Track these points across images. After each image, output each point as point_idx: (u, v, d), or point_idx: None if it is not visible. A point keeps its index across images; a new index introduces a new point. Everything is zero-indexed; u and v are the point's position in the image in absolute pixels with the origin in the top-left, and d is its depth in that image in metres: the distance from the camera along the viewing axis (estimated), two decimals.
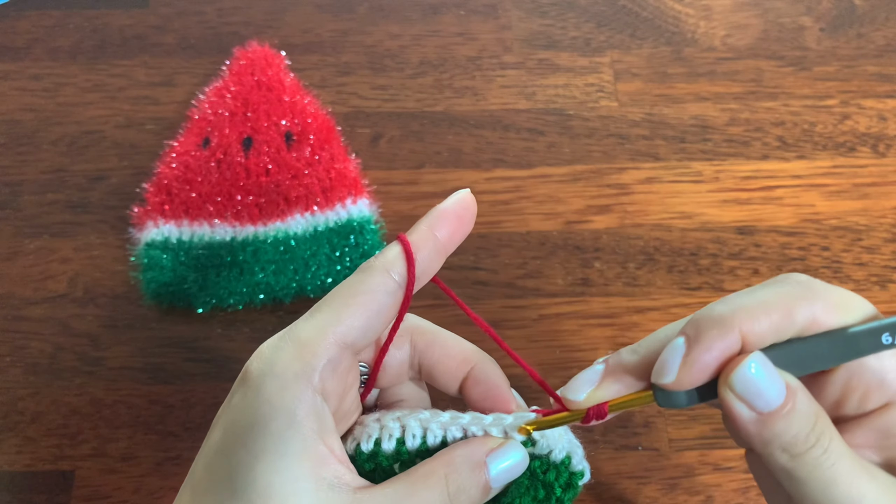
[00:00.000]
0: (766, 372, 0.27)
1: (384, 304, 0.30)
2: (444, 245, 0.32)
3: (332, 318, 0.30)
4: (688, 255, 0.51)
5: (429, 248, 0.31)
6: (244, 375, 0.30)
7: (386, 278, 0.30)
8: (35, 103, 0.56)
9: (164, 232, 0.50)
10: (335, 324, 0.29)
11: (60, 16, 0.60)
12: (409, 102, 0.56)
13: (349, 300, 0.30)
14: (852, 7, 0.61)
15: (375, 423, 0.32)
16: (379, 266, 0.30)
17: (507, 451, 0.31)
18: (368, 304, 0.30)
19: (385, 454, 0.31)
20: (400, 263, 0.30)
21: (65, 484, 0.44)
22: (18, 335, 0.48)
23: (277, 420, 0.28)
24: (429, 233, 0.31)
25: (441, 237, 0.31)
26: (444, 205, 0.32)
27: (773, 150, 0.55)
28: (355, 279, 0.31)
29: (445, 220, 0.32)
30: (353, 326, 0.29)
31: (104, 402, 0.46)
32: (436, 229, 0.31)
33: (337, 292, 0.30)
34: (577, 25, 0.60)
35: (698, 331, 0.28)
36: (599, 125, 0.55)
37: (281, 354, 0.29)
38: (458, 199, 0.32)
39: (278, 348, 0.29)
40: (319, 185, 0.51)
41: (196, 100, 0.55)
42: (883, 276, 0.50)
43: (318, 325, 0.30)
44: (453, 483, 0.29)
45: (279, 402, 0.28)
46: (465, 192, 0.33)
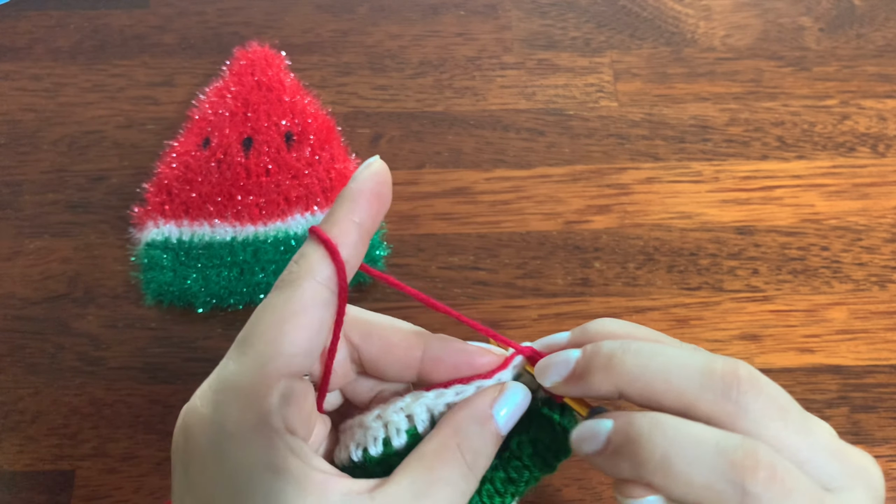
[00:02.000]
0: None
1: (322, 318, 0.27)
2: (367, 230, 0.28)
3: (269, 351, 0.26)
4: (687, 255, 0.51)
5: (352, 240, 0.28)
6: (189, 445, 0.26)
7: (317, 289, 0.27)
8: (35, 103, 0.56)
9: (165, 232, 0.50)
10: (275, 358, 0.26)
11: (60, 16, 0.60)
12: (409, 102, 0.56)
13: (283, 326, 0.26)
14: (852, 7, 0.61)
15: (377, 422, 0.29)
16: (306, 276, 0.27)
17: (509, 395, 0.29)
18: (306, 325, 0.26)
19: (396, 451, 0.29)
20: (326, 267, 0.27)
21: (65, 484, 0.44)
22: (19, 335, 0.49)
23: (260, 478, 0.25)
24: (348, 221, 0.28)
25: (361, 222, 0.28)
26: (357, 183, 0.28)
27: (772, 151, 0.55)
28: (283, 297, 0.27)
29: (363, 202, 0.28)
30: (294, 354, 0.26)
31: (104, 402, 0.47)
32: (354, 214, 0.28)
33: (265, 317, 0.27)
34: (577, 26, 0.60)
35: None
36: (599, 125, 0.56)
37: (227, 410, 0.25)
38: (371, 174, 0.28)
39: (220, 404, 0.26)
40: (320, 185, 0.51)
41: (196, 100, 0.55)
42: (882, 276, 0.50)
43: (256, 365, 0.26)
44: (468, 450, 0.28)
45: (252, 462, 0.25)
46: (376, 162, 0.29)
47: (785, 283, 0.50)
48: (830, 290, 0.50)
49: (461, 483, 0.27)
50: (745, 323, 0.49)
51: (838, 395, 0.47)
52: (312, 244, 0.28)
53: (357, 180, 0.29)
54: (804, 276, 0.50)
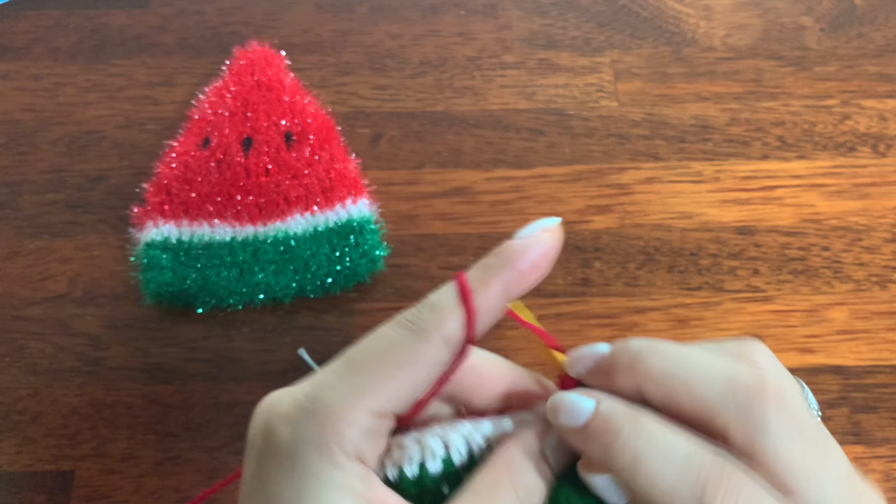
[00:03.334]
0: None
1: (431, 376, 0.27)
2: (511, 297, 0.27)
3: (368, 386, 0.26)
4: (688, 255, 0.51)
5: (493, 311, 0.27)
6: (271, 439, 0.26)
7: (440, 350, 0.26)
8: (35, 103, 0.56)
9: (164, 232, 0.50)
10: (372, 394, 0.26)
11: (60, 16, 0.60)
12: (409, 102, 0.56)
13: (392, 370, 0.26)
14: (852, 7, 0.61)
15: (415, 445, 0.29)
16: (434, 335, 0.26)
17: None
18: (414, 378, 0.26)
19: (432, 476, 0.28)
20: (457, 329, 0.26)
21: (64, 484, 0.44)
22: (18, 335, 0.48)
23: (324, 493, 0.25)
24: (497, 286, 0.27)
25: (508, 290, 0.27)
26: (526, 246, 0.27)
27: (773, 150, 0.54)
28: (404, 343, 0.26)
29: (522, 270, 0.27)
30: (391, 399, 0.26)
31: (104, 402, 0.46)
32: (507, 279, 0.27)
33: (380, 355, 0.26)
34: (578, 25, 0.60)
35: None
36: (599, 125, 0.55)
37: (309, 421, 0.26)
38: (536, 241, 0.27)
39: (306, 413, 0.26)
40: (319, 185, 0.51)
41: (196, 100, 0.55)
42: (883, 276, 0.50)
43: (354, 392, 0.26)
44: (521, 487, 0.27)
45: (321, 475, 0.25)
46: (546, 230, 0.28)
47: (785, 283, 0.50)
48: (831, 291, 0.50)
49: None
50: (745, 323, 0.49)
51: (839, 396, 0.47)
52: (451, 294, 0.27)
53: (527, 242, 0.28)
54: (805, 276, 0.50)
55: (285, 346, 0.48)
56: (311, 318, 0.49)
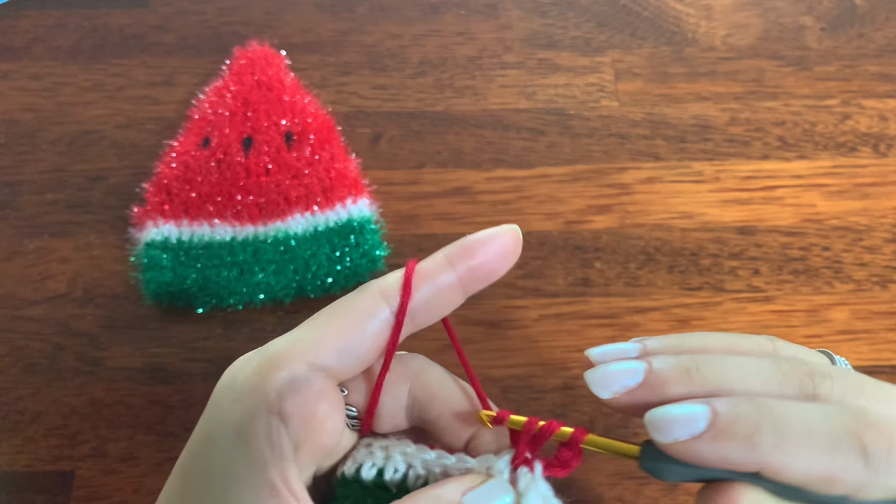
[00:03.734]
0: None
1: (368, 329, 0.27)
2: (463, 281, 0.27)
3: (307, 334, 0.26)
4: (688, 255, 0.51)
5: (442, 280, 0.27)
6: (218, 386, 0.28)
7: (377, 302, 0.27)
8: (34, 103, 0.56)
9: (164, 232, 0.50)
10: (308, 341, 0.26)
11: (60, 15, 0.60)
12: (409, 102, 0.56)
13: (330, 318, 0.27)
14: (853, 7, 0.61)
15: (366, 448, 0.29)
16: (373, 288, 0.27)
17: (490, 490, 0.26)
18: (349, 326, 0.26)
19: (363, 483, 0.28)
20: (394, 290, 0.27)
21: (64, 484, 0.44)
22: (18, 335, 0.48)
23: (226, 437, 0.25)
24: (444, 264, 0.27)
25: (460, 272, 0.27)
26: (476, 235, 0.28)
27: (773, 150, 0.54)
28: (345, 299, 0.27)
29: (470, 254, 0.27)
30: (326, 347, 0.26)
31: (104, 403, 0.46)
32: (455, 261, 0.27)
33: (324, 310, 0.27)
34: (578, 25, 0.60)
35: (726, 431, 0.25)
36: (600, 125, 0.55)
37: (245, 366, 0.26)
38: (494, 233, 0.28)
39: (247, 360, 0.27)
40: (319, 184, 0.51)
41: (196, 99, 0.55)
42: (884, 276, 0.50)
43: (290, 340, 0.26)
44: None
45: (229, 417, 0.25)
46: (509, 228, 0.28)
47: (786, 283, 0.50)
48: (832, 291, 0.50)
49: None
50: (746, 323, 0.49)
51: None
52: (401, 271, 0.28)
53: (481, 233, 0.28)
54: (805, 276, 0.50)
55: None
56: None
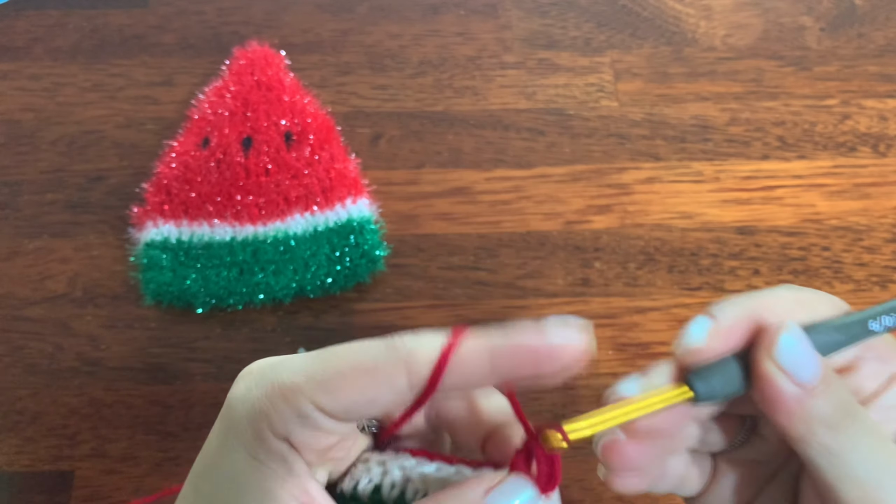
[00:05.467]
0: (805, 344, 0.26)
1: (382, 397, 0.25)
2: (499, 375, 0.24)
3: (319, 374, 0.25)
4: (688, 255, 0.51)
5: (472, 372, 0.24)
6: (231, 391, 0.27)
7: (399, 373, 0.24)
8: (34, 103, 0.56)
9: (164, 232, 0.50)
10: (319, 383, 0.25)
11: (60, 15, 0.60)
12: (409, 102, 0.56)
13: (347, 371, 0.25)
14: (853, 7, 0.61)
15: (364, 465, 0.28)
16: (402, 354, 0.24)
17: (511, 488, 0.25)
18: (364, 388, 0.24)
19: (358, 497, 0.28)
20: (426, 368, 0.24)
21: (64, 484, 0.44)
22: (18, 335, 0.48)
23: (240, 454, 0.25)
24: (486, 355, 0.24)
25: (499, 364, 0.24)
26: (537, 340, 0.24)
27: (773, 150, 0.54)
28: (372, 354, 0.25)
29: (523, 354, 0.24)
30: (336, 399, 0.24)
31: (104, 403, 0.46)
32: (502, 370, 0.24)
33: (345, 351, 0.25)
34: (578, 25, 0.60)
35: (721, 308, 0.27)
36: (600, 125, 0.55)
37: (260, 384, 0.25)
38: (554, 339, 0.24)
39: (262, 376, 0.26)
40: (319, 184, 0.51)
41: (196, 99, 0.55)
42: (884, 276, 0.50)
43: (304, 377, 0.25)
44: None
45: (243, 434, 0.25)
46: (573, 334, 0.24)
47: (786, 283, 0.50)
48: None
49: None
50: None
51: None
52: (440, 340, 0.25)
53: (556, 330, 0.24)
54: (805, 276, 0.50)
55: (285, 346, 0.48)
56: (311, 318, 0.49)
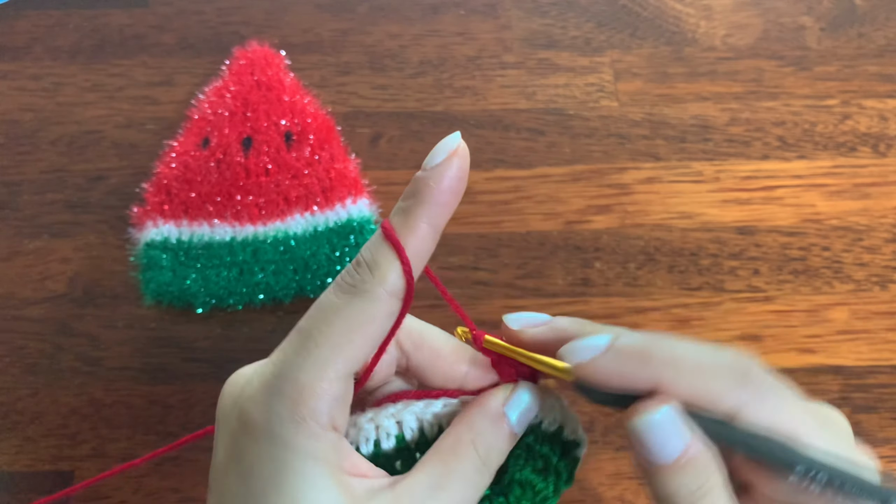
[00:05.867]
0: (669, 426, 0.27)
1: (386, 328, 0.28)
2: (438, 231, 0.28)
3: (333, 356, 0.27)
4: (688, 255, 0.51)
5: (425, 246, 0.28)
6: (246, 420, 0.27)
7: (389, 304, 0.27)
8: (34, 103, 0.56)
9: (164, 232, 0.50)
10: (336, 362, 0.27)
11: (60, 15, 0.60)
12: (409, 102, 0.56)
13: (351, 335, 0.27)
14: (853, 7, 0.61)
15: (370, 424, 0.31)
16: (380, 292, 0.27)
17: (520, 395, 0.31)
18: (372, 335, 0.28)
19: (385, 454, 0.30)
20: (397, 278, 0.27)
21: (64, 484, 0.44)
22: (18, 335, 0.48)
23: (301, 464, 0.26)
24: (423, 225, 0.28)
25: (434, 224, 0.28)
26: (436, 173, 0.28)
27: (773, 150, 0.54)
28: (355, 306, 0.27)
29: (440, 200, 0.28)
30: (355, 359, 0.27)
31: (103, 403, 0.46)
32: (429, 215, 0.28)
33: (335, 321, 0.27)
34: (578, 25, 0.60)
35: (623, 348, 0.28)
36: (600, 125, 0.55)
37: (284, 400, 0.27)
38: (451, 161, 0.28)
39: (278, 392, 0.27)
40: (319, 184, 0.51)
41: (196, 99, 0.55)
42: (884, 276, 0.50)
43: (319, 365, 0.27)
44: (481, 445, 0.29)
45: (297, 447, 0.26)
46: (459, 145, 0.28)
47: (786, 283, 0.50)
48: (831, 291, 0.50)
49: (475, 476, 0.29)
50: (746, 323, 0.49)
51: (839, 396, 0.47)
52: (383, 248, 0.28)
53: (436, 169, 0.28)
54: (805, 276, 0.50)
55: None
56: None
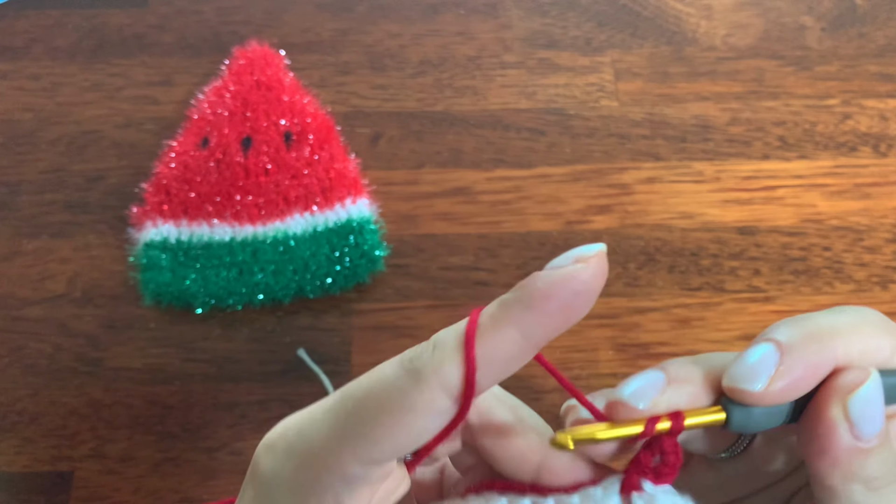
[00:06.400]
0: (879, 398, 0.24)
1: (428, 427, 0.23)
2: (532, 346, 0.23)
3: (358, 434, 0.23)
4: (688, 255, 0.51)
5: (505, 359, 0.23)
6: (255, 467, 0.25)
7: (439, 398, 0.22)
8: (34, 103, 0.56)
9: (163, 232, 0.50)
10: (361, 443, 0.23)
11: (59, 15, 0.60)
12: (409, 102, 0.56)
13: (385, 418, 0.23)
14: (853, 7, 0.60)
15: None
16: (432, 380, 0.22)
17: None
18: (409, 427, 0.23)
19: None
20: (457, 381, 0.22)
21: (63, 485, 0.44)
22: (17, 336, 0.48)
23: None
24: (515, 337, 0.22)
25: (527, 337, 0.22)
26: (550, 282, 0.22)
27: (774, 150, 0.54)
28: (400, 387, 0.23)
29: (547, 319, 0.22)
30: (384, 449, 0.23)
31: (103, 403, 0.46)
32: (523, 326, 0.22)
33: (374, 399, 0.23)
34: (578, 25, 0.60)
35: (793, 340, 0.24)
36: (600, 125, 0.55)
37: (291, 459, 0.24)
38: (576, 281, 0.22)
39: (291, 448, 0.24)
40: (319, 185, 0.51)
41: (195, 99, 0.55)
42: (884, 276, 0.50)
43: (338, 438, 0.23)
44: None
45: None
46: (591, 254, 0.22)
47: (786, 283, 0.50)
48: (832, 291, 0.50)
49: None
50: (746, 323, 0.49)
51: None
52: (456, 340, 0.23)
53: (556, 276, 0.22)
54: (806, 276, 0.50)
55: (285, 346, 0.48)
56: (310, 319, 0.49)
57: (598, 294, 0.22)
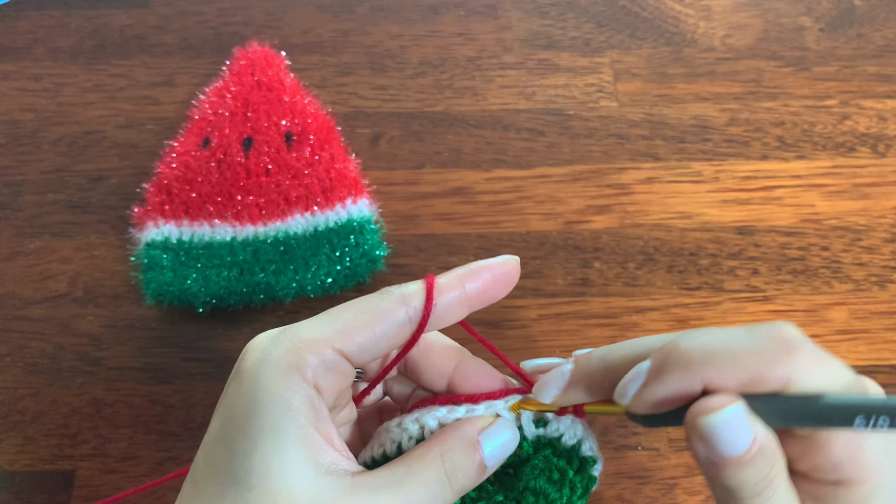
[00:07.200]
0: (737, 421, 0.27)
1: (390, 331, 0.31)
2: (470, 298, 0.32)
3: (335, 324, 0.30)
4: (687, 255, 0.51)
5: (452, 295, 0.31)
6: (239, 365, 0.30)
7: (399, 307, 0.31)
8: (35, 103, 0.56)
9: (165, 232, 0.50)
10: (337, 331, 0.30)
11: (61, 16, 0.60)
12: (409, 102, 0.56)
13: (357, 315, 0.30)
14: (852, 7, 0.61)
15: (397, 428, 0.32)
16: (396, 294, 0.31)
17: (498, 429, 0.31)
18: (374, 326, 0.30)
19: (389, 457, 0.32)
20: (418, 299, 0.31)
21: (65, 484, 0.44)
22: (19, 335, 0.49)
23: (273, 407, 0.28)
24: (458, 282, 0.32)
25: (469, 290, 0.32)
26: (484, 261, 0.32)
27: (772, 151, 0.55)
28: (370, 299, 0.31)
29: (479, 277, 0.32)
30: (353, 341, 0.30)
31: (104, 402, 0.47)
32: (466, 281, 0.32)
33: (348, 305, 0.31)
34: (577, 25, 0.60)
35: (661, 366, 0.28)
36: (599, 125, 0.55)
37: (278, 346, 0.29)
38: (500, 261, 0.33)
39: (276, 340, 0.30)
40: (319, 185, 0.51)
41: (196, 100, 0.55)
42: (882, 276, 0.50)
43: (319, 328, 0.30)
44: (449, 461, 0.30)
45: (274, 390, 0.28)
46: (511, 258, 0.33)
47: (785, 283, 0.50)
48: (830, 291, 0.50)
49: (435, 486, 0.30)
50: (745, 323, 0.49)
51: None
52: (419, 281, 0.31)
53: (487, 260, 0.32)
54: (804, 276, 0.50)
55: None
56: None
57: (514, 283, 0.33)
